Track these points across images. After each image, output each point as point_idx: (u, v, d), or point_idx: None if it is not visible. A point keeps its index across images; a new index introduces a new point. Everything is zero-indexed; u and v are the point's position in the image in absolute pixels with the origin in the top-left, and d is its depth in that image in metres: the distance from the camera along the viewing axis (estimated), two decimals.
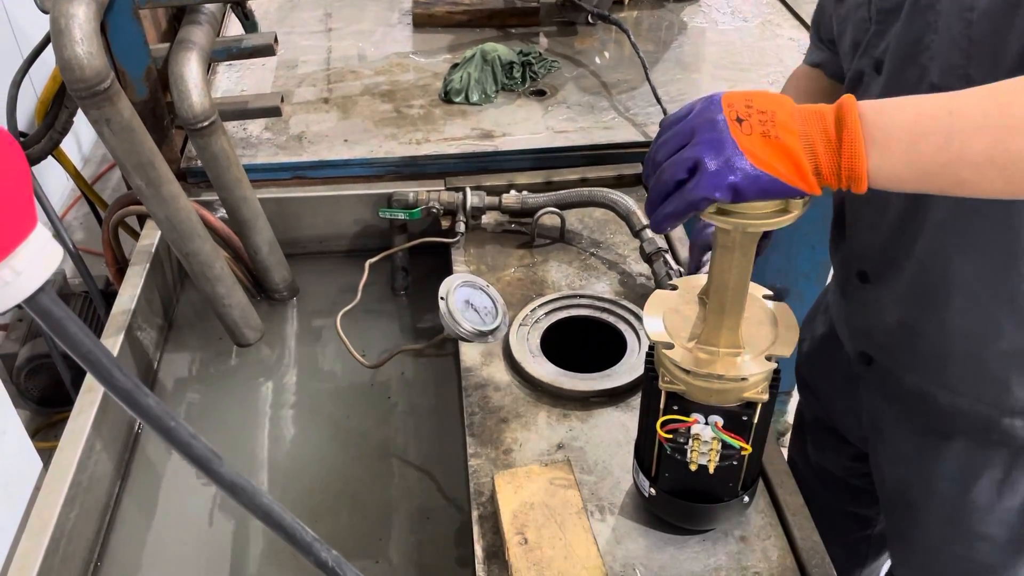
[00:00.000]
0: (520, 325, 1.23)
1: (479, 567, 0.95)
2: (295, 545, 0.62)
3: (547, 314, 1.26)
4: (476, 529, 0.99)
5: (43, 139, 1.55)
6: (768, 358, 0.82)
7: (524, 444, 1.09)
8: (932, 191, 0.74)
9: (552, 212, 1.40)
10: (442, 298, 1.13)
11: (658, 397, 0.86)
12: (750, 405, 0.84)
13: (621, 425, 1.11)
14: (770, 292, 0.89)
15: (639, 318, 1.23)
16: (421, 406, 1.34)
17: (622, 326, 1.23)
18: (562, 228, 1.42)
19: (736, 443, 0.86)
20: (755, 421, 0.85)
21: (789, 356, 0.83)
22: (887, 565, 1.55)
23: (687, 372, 0.83)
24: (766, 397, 0.83)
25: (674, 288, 0.90)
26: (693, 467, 0.88)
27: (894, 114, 0.70)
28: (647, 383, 0.89)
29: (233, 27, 1.95)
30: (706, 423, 0.85)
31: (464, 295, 1.16)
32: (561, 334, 1.24)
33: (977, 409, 1.03)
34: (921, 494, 1.14)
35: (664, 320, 0.86)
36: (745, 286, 0.80)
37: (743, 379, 0.82)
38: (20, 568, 0.98)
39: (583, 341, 1.24)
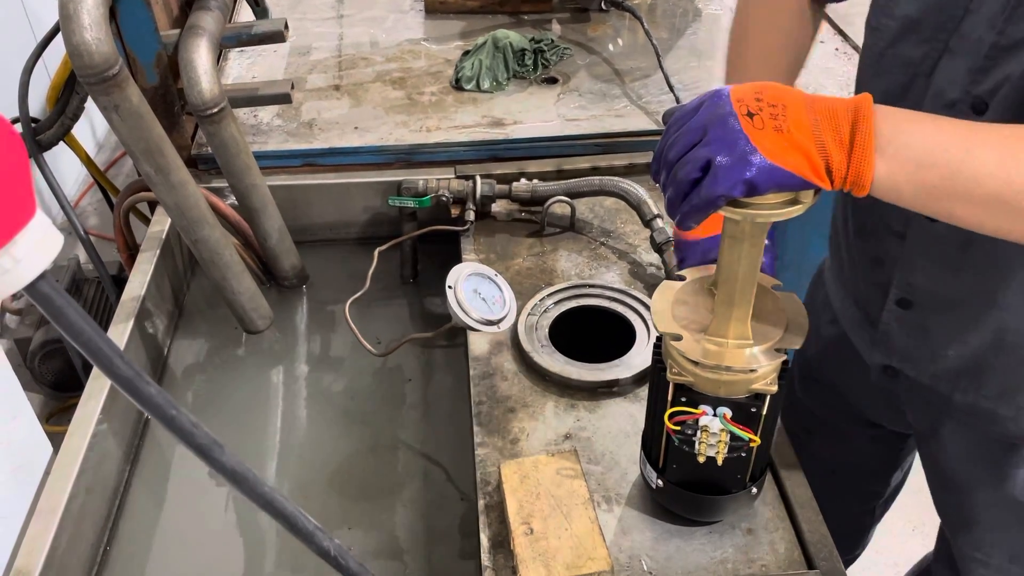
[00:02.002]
0: (529, 314, 1.23)
1: (484, 556, 0.95)
2: (297, 534, 0.62)
3: (556, 304, 1.25)
4: (482, 518, 0.99)
5: (55, 125, 1.55)
6: (777, 350, 0.82)
7: (531, 434, 1.08)
8: (923, 212, 0.75)
9: (562, 201, 1.40)
10: (450, 287, 1.13)
11: (666, 388, 0.86)
12: (759, 397, 0.83)
13: (629, 416, 1.10)
14: (779, 283, 0.88)
15: (649, 308, 1.22)
16: (429, 394, 1.34)
17: (632, 316, 1.22)
18: (572, 217, 1.41)
19: (744, 435, 0.85)
20: (764, 413, 0.84)
21: (799, 348, 0.82)
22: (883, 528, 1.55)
23: (695, 364, 0.82)
24: (775, 388, 0.83)
25: (682, 279, 0.89)
26: (701, 459, 0.88)
27: (911, 134, 0.70)
28: (655, 375, 0.89)
29: (244, 13, 1.95)
30: (714, 415, 0.84)
31: (472, 284, 1.16)
32: (570, 324, 1.23)
33: None
34: (988, 485, 1.10)
35: (672, 311, 0.86)
36: (754, 277, 0.79)
37: (752, 371, 0.81)
38: (30, 551, 0.99)
39: (592, 331, 1.24)
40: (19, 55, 1.59)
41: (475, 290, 1.16)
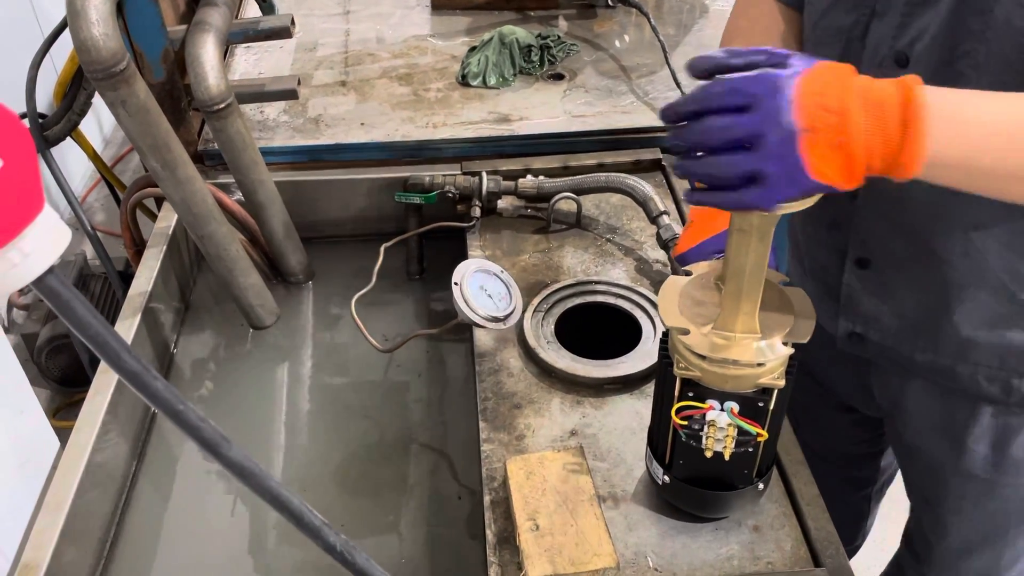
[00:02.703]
0: (535, 311, 1.22)
1: (490, 552, 0.95)
2: (303, 529, 0.62)
3: (562, 300, 1.25)
4: (488, 514, 0.99)
5: (62, 120, 1.56)
6: (785, 343, 0.81)
7: (537, 430, 1.08)
8: (973, 191, 0.74)
9: (568, 197, 1.39)
10: (456, 284, 1.13)
11: (672, 383, 0.86)
12: (766, 391, 0.83)
13: (635, 412, 1.10)
14: (786, 278, 0.88)
15: (655, 305, 1.22)
16: (434, 390, 1.34)
17: (638, 313, 1.22)
18: (578, 213, 1.41)
19: (752, 429, 0.85)
20: (771, 407, 0.84)
21: (807, 342, 0.82)
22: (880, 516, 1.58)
23: (703, 358, 0.82)
24: (783, 383, 0.83)
25: (688, 274, 0.89)
26: (708, 454, 0.88)
27: (965, 127, 0.69)
28: (661, 370, 0.88)
29: (251, 9, 1.95)
30: (721, 409, 0.84)
31: (478, 281, 1.16)
32: (576, 320, 1.23)
33: (1000, 377, 1.03)
34: (951, 457, 1.12)
35: (679, 306, 0.85)
36: (762, 271, 0.79)
37: (759, 365, 0.81)
38: (36, 546, 1.00)
39: (598, 328, 1.24)
40: (26, 51, 1.60)
41: (481, 287, 1.16)
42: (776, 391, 0.83)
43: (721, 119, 0.69)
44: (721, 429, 0.85)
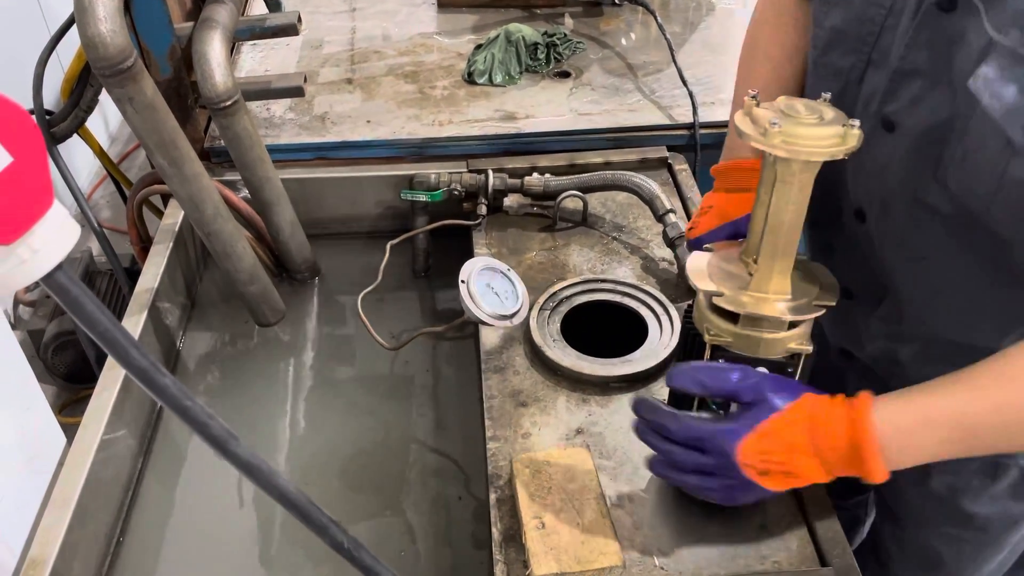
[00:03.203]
0: (541, 309, 1.22)
1: (496, 550, 0.95)
2: (311, 526, 0.62)
3: (568, 298, 1.25)
4: (493, 512, 0.99)
5: (69, 117, 1.56)
6: (816, 305, 0.83)
7: (543, 428, 1.08)
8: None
9: (575, 195, 1.39)
10: (463, 281, 1.13)
11: (701, 352, 0.86)
12: (794, 357, 0.84)
13: None
14: (803, 255, 0.89)
15: (661, 303, 1.22)
16: (440, 388, 1.34)
17: (644, 311, 1.22)
18: (585, 212, 1.41)
19: None
20: (798, 374, 0.85)
21: (835, 304, 0.84)
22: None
23: (734, 323, 0.83)
24: (810, 348, 0.83)
25: (710, 251, 0.91)
26: None
27: (917, 445, 0.77)
28: (686, 343, 0.89)
29: (257, 6, 1.95)
30: None
31: (485, 279, 1.16)
32: (582, 319, 1.23)
33: None
34: (912, 479, 1.13)
35: (708, 274, 0.87)
36: (800, 224, 0.80)
37: (792, 326, 0.82)
38: (43, 542, 1.00)
39: (604, 326, 1.24)
40: (33, 47, 1.60)
41: (488, 285, 1.15)
42: (803, 356, 0.84)
43: (684, 452, 0.83)
44: None
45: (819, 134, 0.75)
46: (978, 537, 1.14)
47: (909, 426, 0.76)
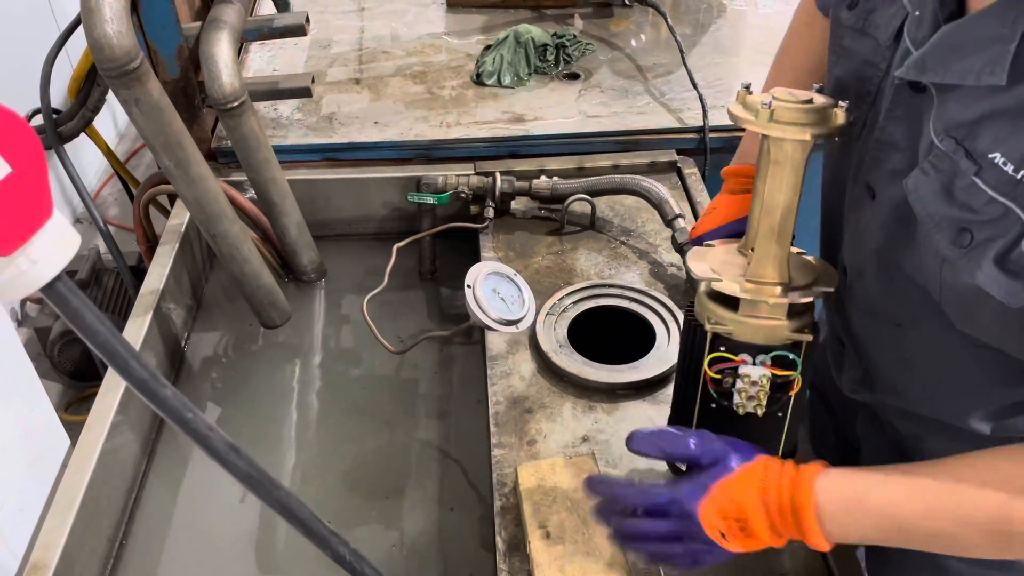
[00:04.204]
0: (547, 314, 1.21)
1: (500, 559, 0.94)
2: (312, 538, 0.61)
3: (575, 303, 1.24)
4: (498, 520, 0.98)
5: (76, 116, 1.56)
6: (815, 290, 0.83)
7: (548, 435, 1.07)
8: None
9: (583, 199, 1.38)
10: (469, 287, 1.12)
11: (702, 343, 0.86)
12: (796, 345, 0.83)
13: (648, 419, 1.09)
14: (802, 250, 0.90)
15: (669, 309, 1.21)
16: (445, 392, 1.33)
17: (651, 317, 1.21)
18: (593, 215, 1.40)
19: (787, 375, 0.84)
20: (801, 362, 0.84)
21: (833, 290, 0.84)
22: None
23: (734, 310, 0.83)
24: (811, 337, 0.83)
25: (711, 246, 0.91)
26: (740, 411, 0.86)
27: (853, 523, 0.78)
28: (688, 336, 0.88)
29: (265, 6, 1.94)
30: (754, 363, 0.84)
31: (491, 283, 1.15)
32: (589, 324, 1.22)
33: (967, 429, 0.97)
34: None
35: (708, 265, 0.87)
36: (794, 208, 0.81)
37: (793, 314, 0.82)
38: (46, 544, 0.99)
39: (611, 331, 1.23)
40: (41, 46, 1.60)
41: (494, 289, 1.15)
42: (804, 345, 0.83)
43: (649, 522, 0.83)
44: (754, 384, 0.84)
45: (808, 114, 0.77)
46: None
47: (845, 504, 0.78)
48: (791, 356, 0.83)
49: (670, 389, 1.13)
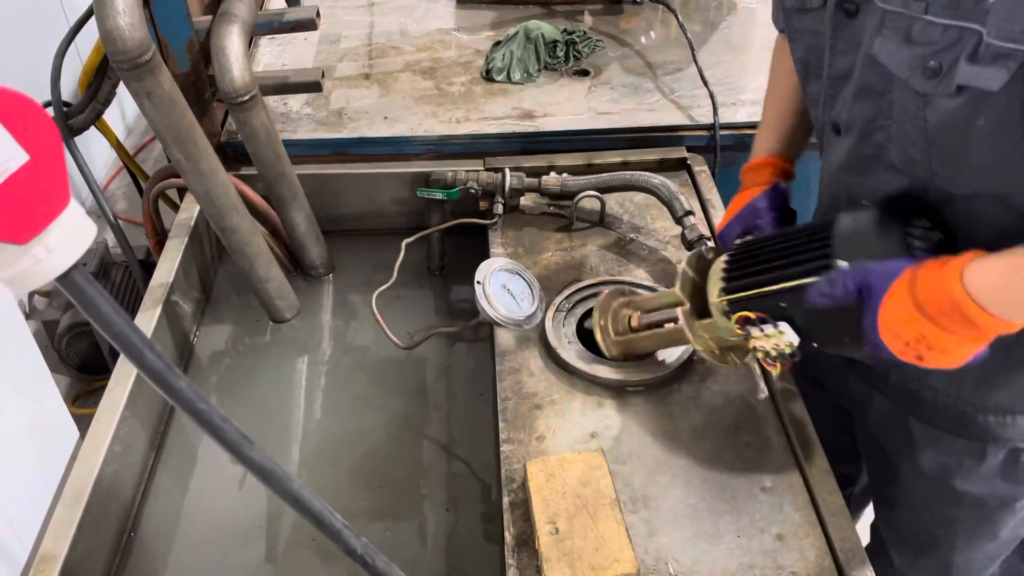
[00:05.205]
0: (556, 310, 1.21)
1: (508, 554, 0.94)
2: (324, 531, 0.61)
3: (584, 299, 1.23)
4: (507, 516, 0.98)
5: (86, 109, 1.56)
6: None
7: (557, 431, 1.07)
8: None
9: (592, 195, 1.38)
10: (478, 283, 1.12)
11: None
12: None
13: (656, 416, 1.09)
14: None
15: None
16: (454, 387, 1.33)
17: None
18: (602, 212, 1.40)
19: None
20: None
21: None
22: (866, 521, 1.56)
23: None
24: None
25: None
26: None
27: (1008, 291, 0.78)
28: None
29: (275, 0, 1.94)
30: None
31: (501, 280, 1.15)
32: None
33: (955, 406, 1.04)
34: (904, 457, 1.15)
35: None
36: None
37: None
38: (55, 536, 1.00)
39: None
40: (52, 39, 1.60)
41: (503, 286, 1.15)
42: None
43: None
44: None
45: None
46: (971, 518, 1.14)
47: (1000, 270, 0.78)
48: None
49: (678, 387, 1.12)
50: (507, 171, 1.41)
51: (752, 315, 0.94)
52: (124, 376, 1.18)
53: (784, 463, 1.04)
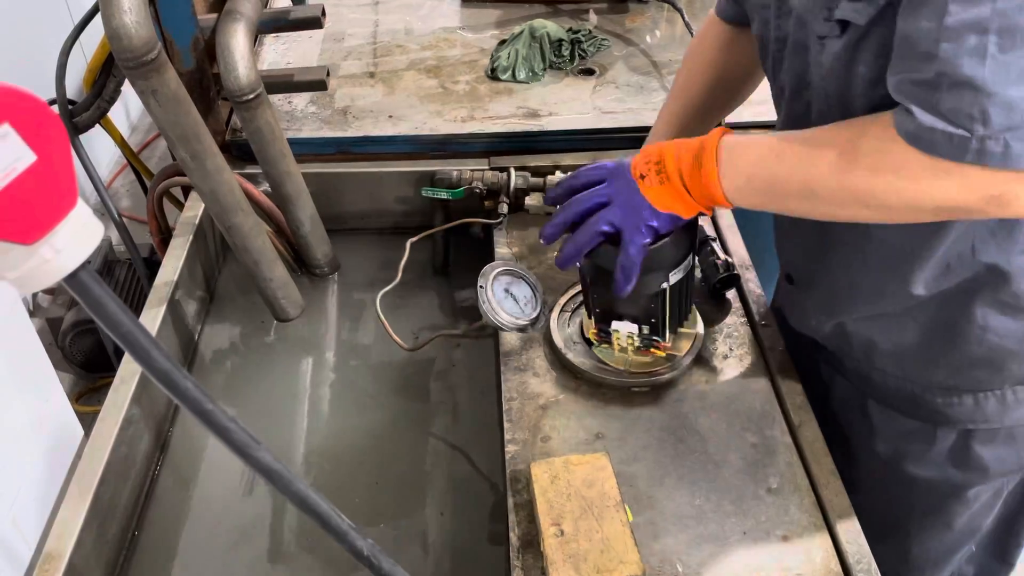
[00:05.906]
0: (561, 311, 1.21)
1: (513, 555, 0.94)
2: (331, 532, 0.61)
3: None
4: (511, 517, 0.98)
5: (91, 107, 1.56)
6: None
7: (562, 432, 1.07)
8: (776, 212, 0.99)
9: None
10: (481, 287, 1.12)
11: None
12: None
13: (662, 417, 1.09)
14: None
15: None
16: (458, 387, 1.33)
17: None
18: None
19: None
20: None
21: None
22: None
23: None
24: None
25: None
26: None
27: (741, 154, 0.91)
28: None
29: None
30: None
31: (504, 283, 1.15)
32: None
33: (904, 387, 1.09)
34: (863, 439, 1.17)
35: None
36: None
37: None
38: (59, 536, 0.99)
39: None
40: (56, 36, 1.60)
41: (506, 290, 1.14)
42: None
43: (587, 194, 0.99)
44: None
45: None
46: (923, 504, 1.17)
47: (742, 140, 0.91)
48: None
49: (684, 388, 1.12)
50: (512, 171, 1.41)
51: (595, 330, 1.11)
52: (129, 375, 1.17)
53: (790, 464, 1.03)
